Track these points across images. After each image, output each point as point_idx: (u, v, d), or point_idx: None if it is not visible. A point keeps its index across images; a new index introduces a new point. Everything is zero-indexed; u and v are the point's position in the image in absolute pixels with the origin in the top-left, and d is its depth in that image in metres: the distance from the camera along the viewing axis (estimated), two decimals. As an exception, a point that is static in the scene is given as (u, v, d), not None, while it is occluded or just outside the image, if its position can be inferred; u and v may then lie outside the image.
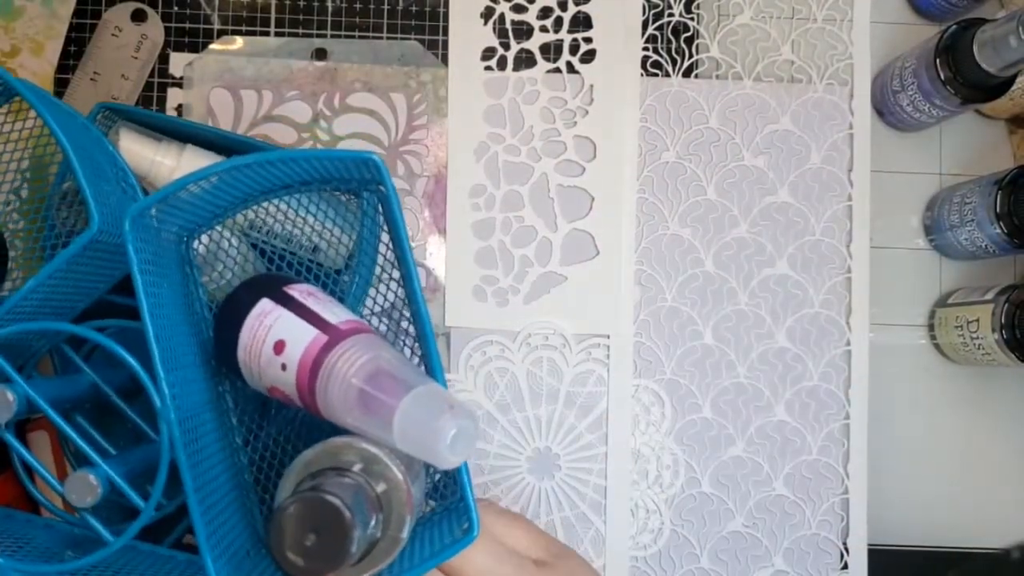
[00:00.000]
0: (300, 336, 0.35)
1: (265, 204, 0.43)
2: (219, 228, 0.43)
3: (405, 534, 0.33)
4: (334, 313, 0.36)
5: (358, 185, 0.41)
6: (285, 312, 0.36)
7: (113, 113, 0.52)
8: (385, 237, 0.41)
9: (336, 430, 0.35)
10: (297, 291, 0.37)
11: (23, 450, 0.39)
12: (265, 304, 0.37)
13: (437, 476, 0.41)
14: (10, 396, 0.37)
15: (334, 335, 0.35)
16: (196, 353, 0.40)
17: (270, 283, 0.38)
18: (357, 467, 0.33)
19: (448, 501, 0.40)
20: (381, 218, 0.41)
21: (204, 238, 0.42)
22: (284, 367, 0.35)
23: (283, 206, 0.43)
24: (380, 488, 0.33)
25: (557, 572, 0.40)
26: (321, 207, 0.45)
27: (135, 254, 0.35)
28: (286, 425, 0.43)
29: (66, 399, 0.41)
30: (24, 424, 0.50)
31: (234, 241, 0.43)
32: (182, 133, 0.52)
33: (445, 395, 0.32)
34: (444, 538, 0.36)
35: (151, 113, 0.56)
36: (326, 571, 0.29)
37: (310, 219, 0.45)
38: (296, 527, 0.29)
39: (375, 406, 0.32)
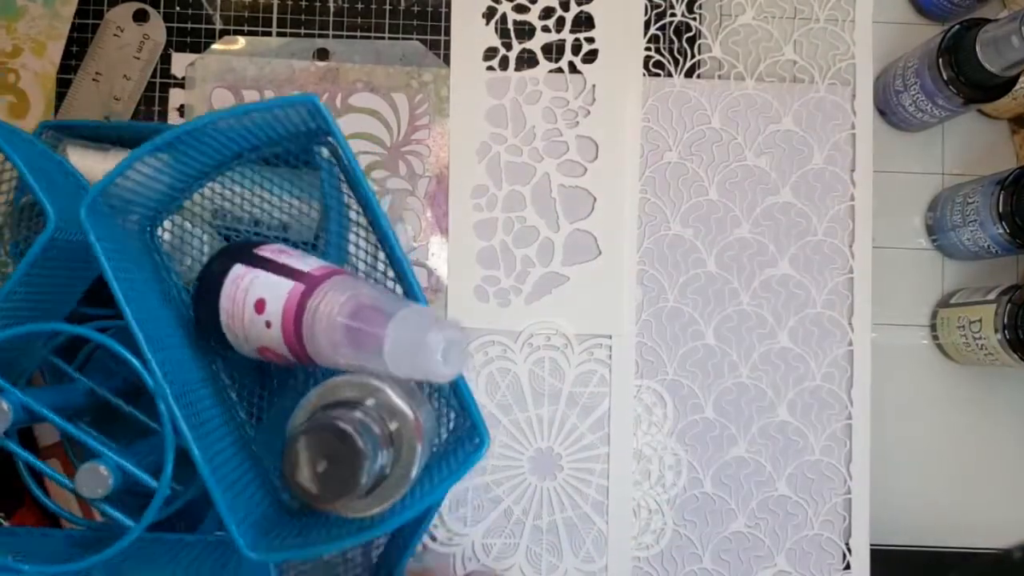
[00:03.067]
0: (278, 290, 0.35)
1: (223, 188, 0.43)
2: (181, 217, 0.43)
3: (416, 468, 0.34)
4: (307, 263, 0.36)
5: (307, 141, 0.41)
6: (259, 272, 0.36)
7: (56, 131, 0.52)
8: (349, 193, 0.42)
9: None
10: (268, 251, 0.38)
11: (26, 453, 0.39)
12: (239, 268, 0.37)
13: (445, 410, 0.41)
14: (5, 406, 0.36)
15: (311, 282, 0.35)
16: (181, 335, 0.40)
17: (240, 249, 0.38)
18: (369, 402, 0.33)
19: (459, 432, 0.40)
20: (337, 169, 0.41)
21: (168, 224, 0.43)
22: (268, 324, 0.35)
23: (241, 188, 0.43)
24: (392, 425, 0.33)
25: None
26: (278, 182, 0.45)
27: (97, 242, 0.36)
28: (288, 395, 0.43)
29: (65, 407, 0.41)
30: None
31: (198, 231, 0.44)
32: (128, 136, 0.52)
33: (428, 312, 0.32)
34: (459, 459, 0.37)
35: (91, 123, 0.55)
36: (338, 497, 0.30)
37: (272, 197, 0.45)
38: (308, 454, 0.30)
39: (363, 339, 0.32)
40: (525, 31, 0.60)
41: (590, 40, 0.60)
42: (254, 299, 0.36)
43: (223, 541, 0.42)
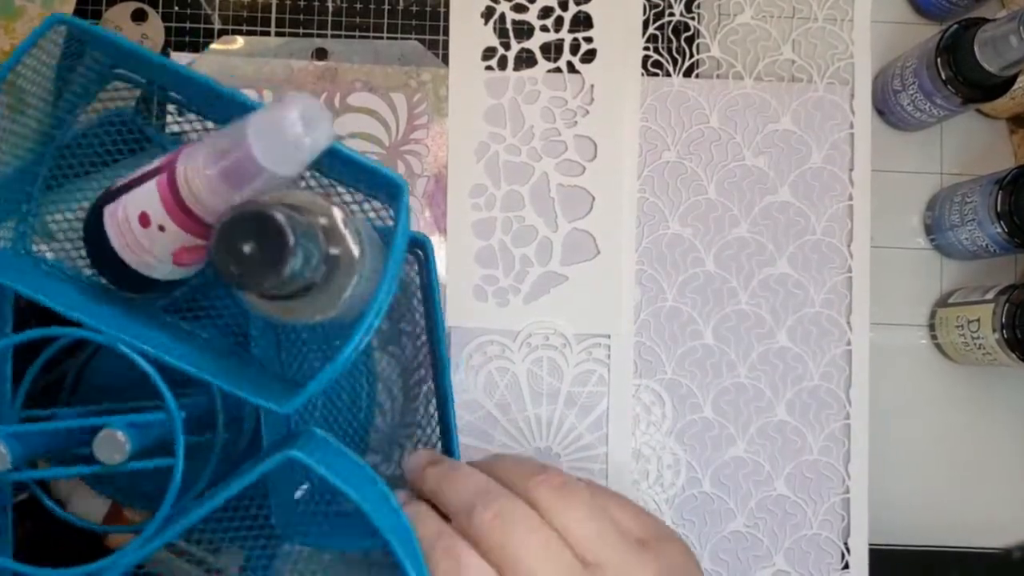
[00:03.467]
0: (148, 195, 0.35)
1: None
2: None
3: (348, 292, 0.34)
4: (154, 162, 0.37)
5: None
6: (124, 196, 0.36)
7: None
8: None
9: None
10: (119, 182, 0.38)
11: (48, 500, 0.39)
12: (109, 208, 0.37)
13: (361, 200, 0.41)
14: (3, 448, 0.36)
15: (166, 167, 0.35)
16: (111, 302, 0.40)
17: (101, 197, 0.38)
18: (322, 220, 0.34)
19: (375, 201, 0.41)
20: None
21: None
22: (161, 227, 0.35)
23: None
24: (333, 249, 0.34)
25: (657, 555, 0.39)
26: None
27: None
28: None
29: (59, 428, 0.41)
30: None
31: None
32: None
33: (270, 105, 0.32)
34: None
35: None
36: (261, 279, 0.31)
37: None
38: (233, 234, 0.30)
39: (238, 168, 0.32)
40: (524, 31, 0.60)
41: (588, 40, 0.60)
42: (136, 217, 0.36)
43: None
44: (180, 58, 0.59)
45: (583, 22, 0.60)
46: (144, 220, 0.35)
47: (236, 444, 0.45)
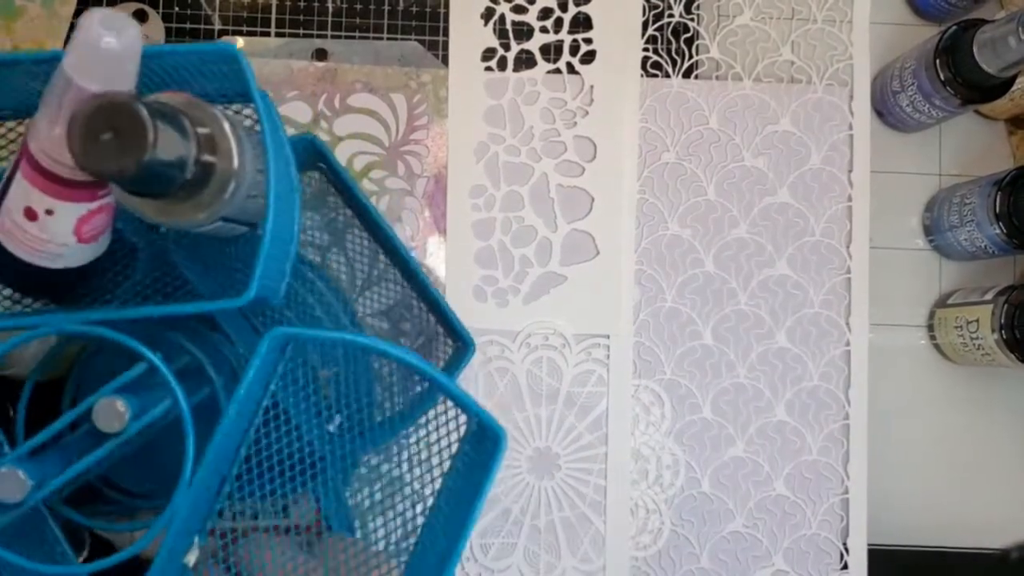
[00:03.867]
0: (22, 191, 0.35)
1: None
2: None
3: (227, 195, 0.35)
4: (9, 168, 0.36)
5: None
6: (3, 207, 0.36)
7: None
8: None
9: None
10: None
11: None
12: None
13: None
14: (21, 474, 0.35)
15: (23, 155, 0.35)
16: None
17: None
18: (201, 131, 0.34)
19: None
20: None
21: None
22: (50, 212, 0.35)
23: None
24: (209, 157, 0.34)
25: None
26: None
27: None
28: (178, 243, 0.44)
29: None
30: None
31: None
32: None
33: (74, 33, 0.32)
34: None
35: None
36: (118, 164, 0.30)
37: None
38: (92, 123, 0.30)
39: (74, 106, 0.32)
40: (523, 32, 0.60)
41: (588, 41, 0.60)
42: (23, 215, 0.35)
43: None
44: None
45: (583, 23, 0.60)
46: (30, 214, 0.35)
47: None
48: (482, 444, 0.38)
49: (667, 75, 0.60)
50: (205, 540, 0.38)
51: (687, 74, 0.60)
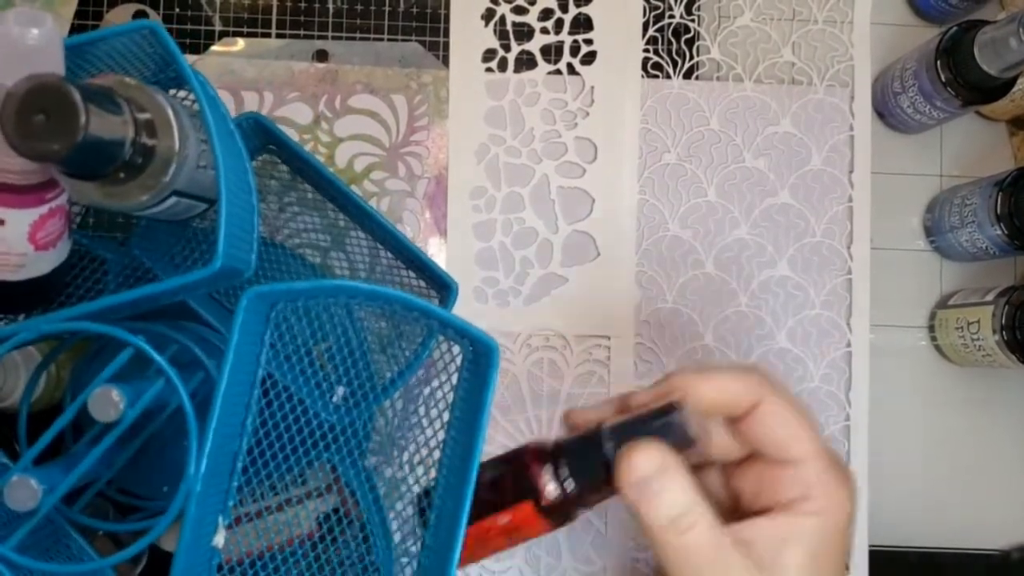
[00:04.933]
0: None
1: None
2: None
3: (169, 175, 0.35)
4: None
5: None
6: None
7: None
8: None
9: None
10: None
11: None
12: None
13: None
14: (33, 483, 0.36)
15: None
16: None
17: None
18: (141, 116, 0.34)
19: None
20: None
21: None
22: (2, 222, 0.35)
23: None
24: (149, 140, 0.35)
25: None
26: None
27: None
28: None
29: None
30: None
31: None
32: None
33: None
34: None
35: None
36: (53, 146, 0.30)
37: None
38: (24, 106, 0.30)
39: None
40: (524, 33, 0.60)
41: (588, 42, 0.60)
42: None
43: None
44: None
45: (583, 24, 0.60)
46: None
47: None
48: (477, 366, 0.38)
49: (668, 76, 0.60)
50: (229, 518, 0.37)
51: (688, 75, 0.60)
